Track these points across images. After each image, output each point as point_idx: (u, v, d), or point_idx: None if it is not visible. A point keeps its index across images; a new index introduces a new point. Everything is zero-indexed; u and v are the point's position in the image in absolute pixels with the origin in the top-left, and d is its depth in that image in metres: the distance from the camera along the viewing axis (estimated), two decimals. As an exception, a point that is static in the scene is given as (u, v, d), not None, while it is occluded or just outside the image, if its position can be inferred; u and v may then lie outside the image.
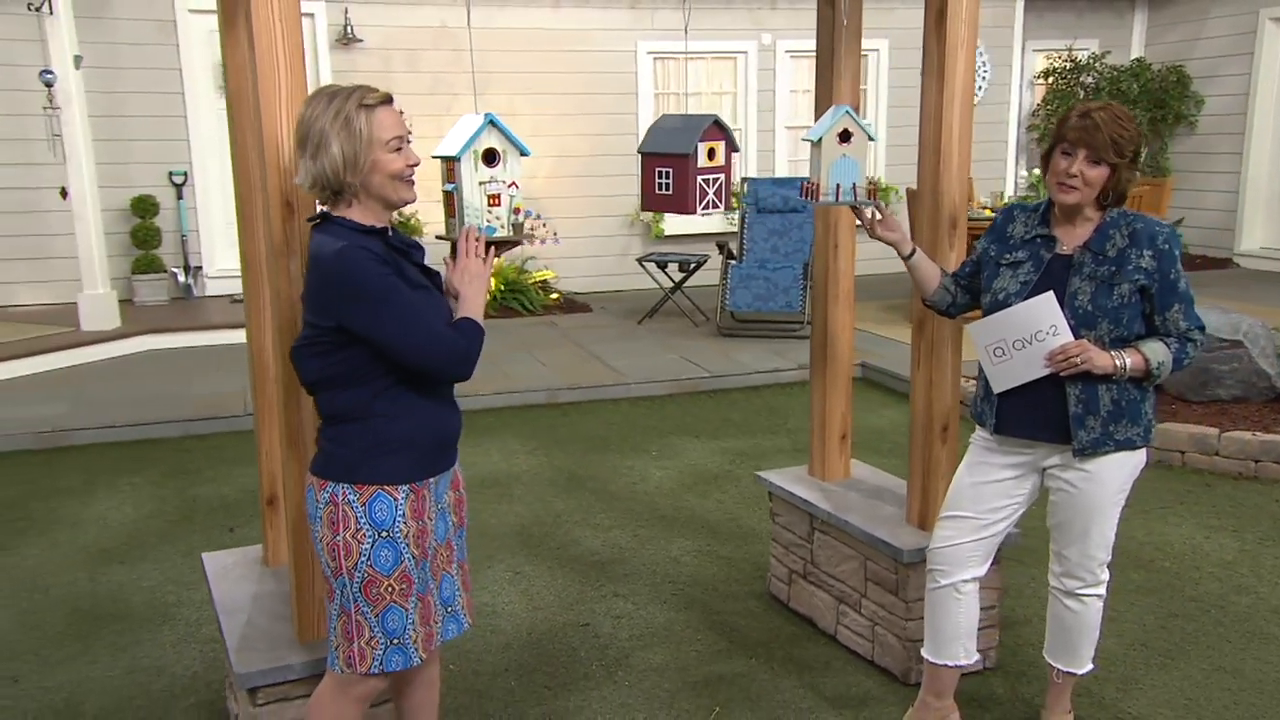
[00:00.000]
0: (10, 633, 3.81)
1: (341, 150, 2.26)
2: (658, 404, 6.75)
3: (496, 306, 9.14)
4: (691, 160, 2.83)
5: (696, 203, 2.86)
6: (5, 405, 6.43)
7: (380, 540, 2.32)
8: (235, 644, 2.72)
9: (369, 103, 2.29)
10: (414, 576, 2.37)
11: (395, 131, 2.32)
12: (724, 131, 2.91)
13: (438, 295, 2.45)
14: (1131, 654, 3.59)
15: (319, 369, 2.35)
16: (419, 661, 2.42)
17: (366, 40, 9.53)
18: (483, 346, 2.40)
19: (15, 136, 8.73)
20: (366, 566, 2.32)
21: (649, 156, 2.91)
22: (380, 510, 2.32)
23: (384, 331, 2.25)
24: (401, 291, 2.28)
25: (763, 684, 3.42)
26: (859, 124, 3.04)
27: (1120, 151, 2.63)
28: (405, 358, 2.28)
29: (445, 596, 2.55)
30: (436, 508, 2.47)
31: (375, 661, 2.37)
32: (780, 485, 3.87)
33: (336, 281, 2.25)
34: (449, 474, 2.52)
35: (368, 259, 2.25)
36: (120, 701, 3.35)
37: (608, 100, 10.27)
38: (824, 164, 3.00)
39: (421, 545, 2.39)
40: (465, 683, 3.44)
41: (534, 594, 4.08)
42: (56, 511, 4.98)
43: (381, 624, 2.35)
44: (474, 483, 5.28)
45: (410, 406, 2.36)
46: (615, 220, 10.37)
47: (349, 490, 2.32)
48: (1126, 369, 2.66)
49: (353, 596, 2.34)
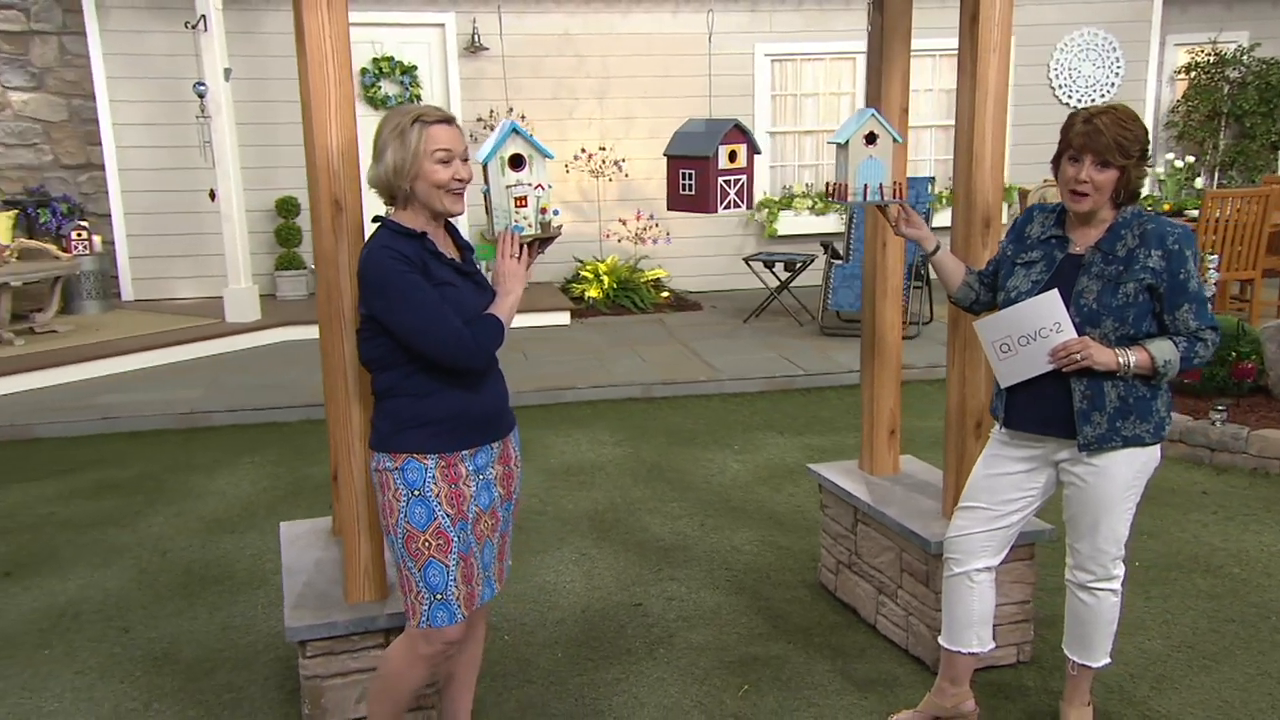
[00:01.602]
0: (129, 589, 4.27)
1: (395, 158, 2.54)
2: (749, 400, 6.88)
3: (609, 304, 9.41)
4: (712, 162, 2.99)
5: (717, 203, 3.02)
6: (153, 389, 7.07)
7: (414, 499, 2.58)
8: (291, 602, 3.03)
9: (426, 120, 2.56)
10: (451, 535, 2.61)
11: (444, 145, 2.56)
12: (745, 135, 3.06)
13: (469, 291, 2.68)
14: (1175, 655, 3.56)
15: (365, 352, 2.67)
16: (462, 618, 2.65)
17: (492, 48, 9.95)
18: (500, 341, 2.63)
19: (174, 144, 9.51)
20: (405, 523, 2.59)
21: (673, 159, 3.09)
22: (411, 473, 2.58)
23: (400, 324, 2.53)
24: (421, 289, 2.52)
25: (796, 666, 3.55)
26: (885, 127, 3.14)
27: (1126, 153, 2.67)
28: (416, 346, 2.54)
29: (484, 561, 2.79)
30: (479, 478, 2.70)
31: (423, 617, 2.62)
32: (828, 478, 3.98)
33: (367, 277, 2.55)
34: (492, 448, 2.74)
35: (392, 258, 2.52)
36: (210, 653, 3.74)
37: (725, 102, 10.41)
38: (851, 165, 3.12)
39: (457, 506, 2.62)
40: (515, 652, 3.69)
41: (595, 575, 4.30)
42: (185, 484, 5.48)
43: (424, 578, 2.60)
44: (559, 470, 5.55)
45: (434, 388, 2.60)
46: (730, 220, 10.51)
47: (386, 458, 2.61)
48: (1130, 366, 2.69)
49: (400, 552, 2.62)
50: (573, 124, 10.20)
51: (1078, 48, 11.10)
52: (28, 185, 9.86)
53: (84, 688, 3.52)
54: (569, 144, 10.06)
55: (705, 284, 10.51)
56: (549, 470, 5.57)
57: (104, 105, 9.62)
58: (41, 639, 3.86)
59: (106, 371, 7.49)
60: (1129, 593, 4.04)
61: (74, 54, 9.79)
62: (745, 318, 8.99)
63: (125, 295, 9.87)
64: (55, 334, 8.22)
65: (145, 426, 6.45)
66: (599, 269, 9.65)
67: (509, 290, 2.71)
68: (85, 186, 9.99)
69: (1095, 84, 11.18)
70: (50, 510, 5.15)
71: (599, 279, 9.51)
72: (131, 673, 3.61)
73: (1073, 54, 11.11)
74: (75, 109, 9.89)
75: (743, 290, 10.08)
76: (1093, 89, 11.16)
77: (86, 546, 4.70)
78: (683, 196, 3.07)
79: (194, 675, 3.58)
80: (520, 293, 2.74)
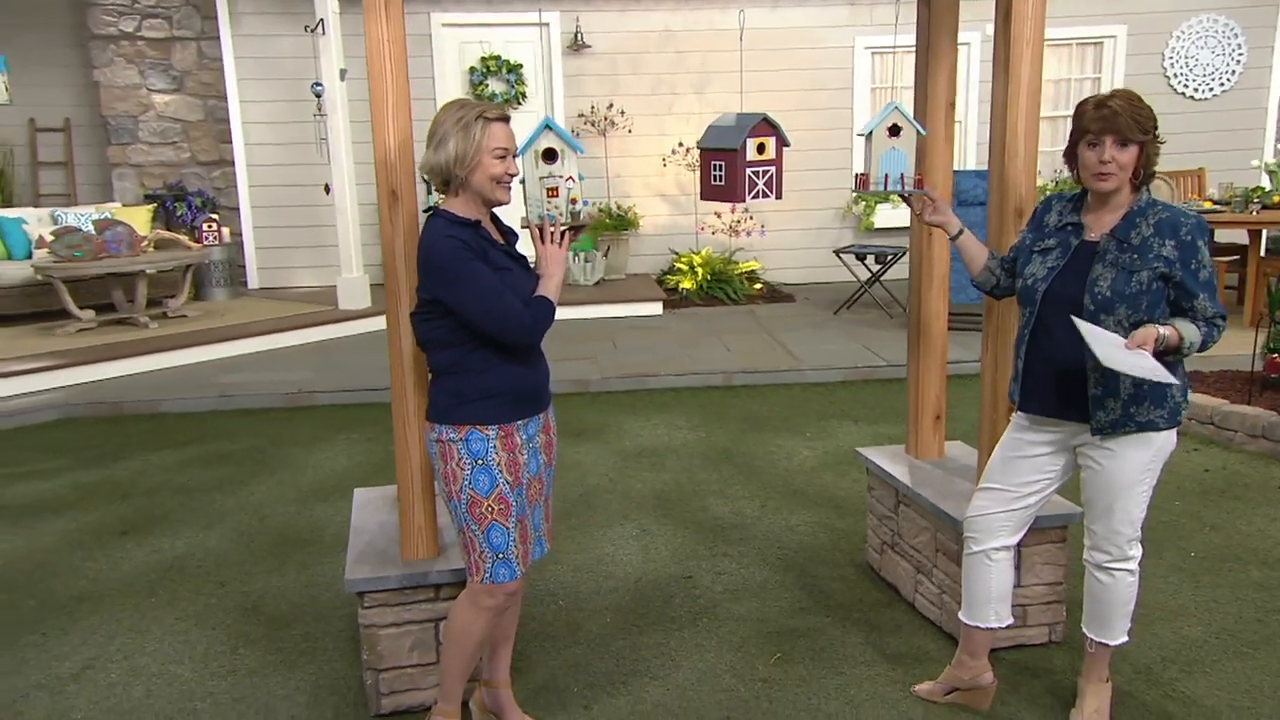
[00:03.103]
0: (229, 549, 4.68)
1: (456, 148, 2.79)
2: (828, 390, 6.99)
3: (702, 295, 9.60)
4: (740, 155, 3.16)
5: (746, 193, 3.19)
6: (266, 370, 7.58)
7: (478, 468, 2.83)
8: (353, 558, 3.33)
9: (489, 116, 2.79)
10: (510, 500, 2.86)
11: (502, 143, 2.79)
12: (774, 128, 3.22)
13: (521, 275, 2.92)
14: (1212, 641, 3.58)
15: (424, 332, 2.91)
16: (520, 574, 2.91)
17: (595, 45, 10.24)
18: (552, 320, 2.86)
19: (295, 141, 10.09)
20: (469, 490, 2.84)
21: (705, 152, 3.27)
22: (475, 443, 2.83)
23: (464, 305, 2.76)
24: (482, 274, 2.77)
25: (831, 638, 3.70)
26: (908, 119, 3.26)
27: (1144, 129, 2.76)
28: (481, 327, 2.78)
29: (535, 522, 3.03)
30: (529, 446, 2.95)
31: (487, 573, 2.88)
32: (874, 461, 4.11)
33: (432, 264, 2.78)
34: (539, 419, 2.98)
35: (456, 246, 2.76)
36: (293, 606, 4.09)
37: (825, 96, 10.48)
38: (874, 156, 3.25)
39: (515, 473, 2.87)
40: (567, 616, 3.93)
41: (652, 549, 4.51)
42: (287, 457, 5.92)
43: (488, 539, 2.86)
44: (632, 452, 5.78)
45: (493, 364, 2.85)
46: (827, 213, 10.57)
47: (450, 430, 2.86)
48: (1164, 339, 2.74)
49: (464, 516, 2.87)
50: (671, 119, 10.41)
51: (1195, 35, 10.77)
52: (168, 181, 10.62)
53: (181, 632, 3.90)
54: (667, 139, 10.29)
55: (801, 276, 10.61)
56: (623, 452, 5.81)
57: (235, 105, 10.28)
58: (149, 589, 4.28)
59: (227, 354, 8.07)
60: (1177, 581, 4.05)
61: (210, 58, 10.49)
62: (836, 309, 9.07)
63: (251, 283, 10.53)
64: (185, 318, 8.86)
65: (256, 404, 6.95)
66: (693, 261, 9.84)
67: (551, 273, 2.93)
68: (218, 181, 10.70)
69: (1214, 73, 10.83)
70: (167, 477, 5.64)
71: (693, 270, 9.71)
72: (223, 621, 3.99)
73: (1190, 42, 10.78)
74: (210, 109, 10.59)
75: (838, 283, 10.14)
76: (1211, 78, 10.81)
77: (195, 510, 5.15)
78: (714, 187, 3.26)
79: (277, 625, 3.94)
80: (561, 275, 2.97)
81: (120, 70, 10.38)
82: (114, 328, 8.43)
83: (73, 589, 4.29)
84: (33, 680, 3.58)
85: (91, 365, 7.44)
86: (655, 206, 10.45)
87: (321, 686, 3.49)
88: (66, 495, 5.39)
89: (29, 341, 7.96)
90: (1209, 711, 3.17)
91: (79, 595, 4.23)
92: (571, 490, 5.24)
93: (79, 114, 10.82)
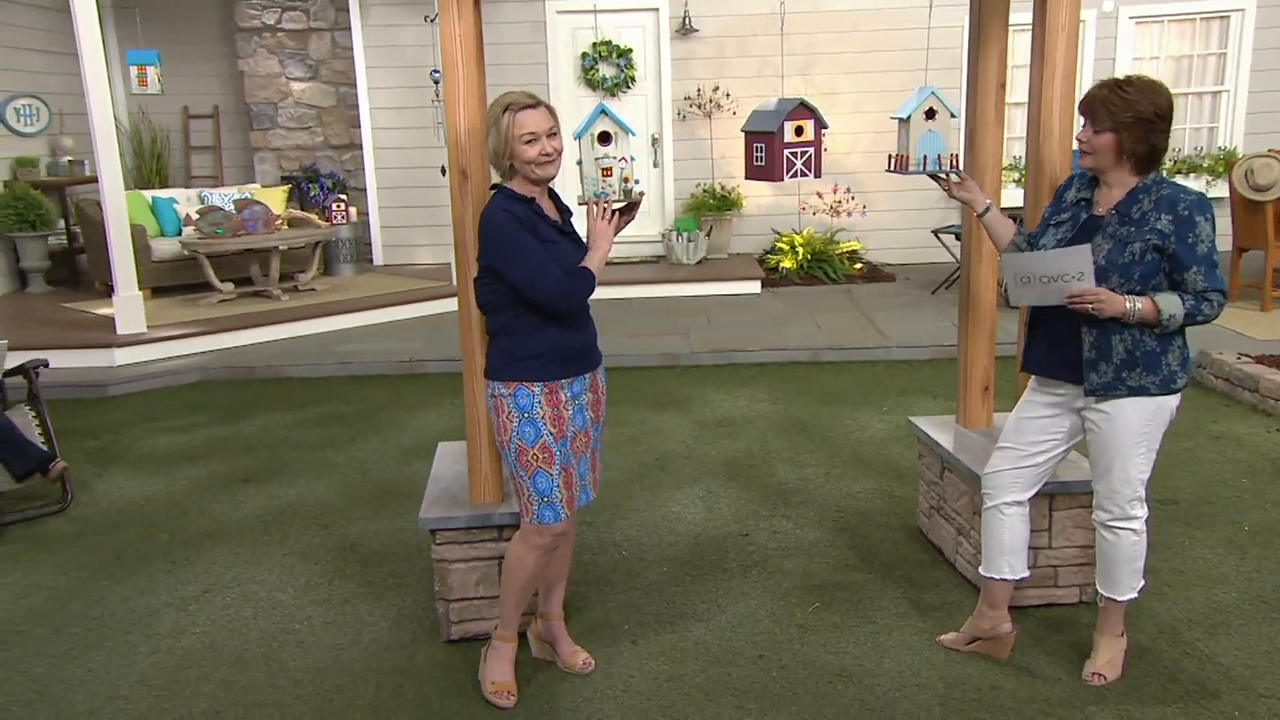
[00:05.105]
0: (334, 496, 5.17)
1: (493, 142, 3.15)
2: (913, 367, 7.12)
3: (801, 275, 9.78)
4: (778, 137, 3.41)
5: (784, 173, 3.44)
6: (383, 340, 8.14)
7: (524, 420, 3.18)
8: (428, 501, 3.73)
9: (514, 107, 3.13)
10: (554, 449, 3.20)
11: (529, 129, 3.10)
12: (812, 111, 3.46)
13: (569, 248, 3.24)
14: (1244, 607, 3.68)
15: (482, 296, 3.28)
16: (565, 517, 3.25)
17: (702, 30, 10.48)
18: (592, 290, 3.18)
19: (417, 125, 10.66)
20: (517, 440, 3.20)
21: (749, 134, 3.53)
22: (522, 398, 3.18)
23: (510, 272, 3.11)
24: (530, 245, 3.10)
25: (870, 592, 3.93)
26: (943, 103, 3.45)
27: (1115, 118, 2.90)
28: (526, 293, 3.12)
29: (580, 472, 3.37)
30: (575, 403, 3.28)
31: (534, 515, 3.24)
32: (923, 429, 4.30)
33: (487, 234, 3.14)
34: (585, 378, 3.31)
35: (508, 219, 3.11)
36: (385, 548, 4.54)
37: (932, 76, 10.46)
38: (912, 138, 3.46)
39: (559, 426, 3.20)
40: (627, 565, 4.26)
41: (715, 509, 4.80)
42: (393, 420, 6.41)
43: (533, 484, 3.21)
44: (710, 422, 6.07)
45: (540, 327, 3.19)
46: (930, 194, 10.55)
47: (501, 386, 3.21)
48: (1135, 312, 2.91)
49: (513, 463, 3.23)
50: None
51: (1329, 8, 10.33)
52: (303, 163, 11.34)
53: (287, 566, 4.39)
54: (773, 120, 10.45)
55: (903, 256, 10.66)
56: (702, 422, 6.10)
57: (364, 92, 10.90)
58: (263, 529, 4.79)
59: (348, 325, 8.67)
60: (1224, 551, 4.13)
61: (342, 47, 11.15)
62: (934, 290, 9.13)
63: (376, 260, 11.17)
64: (313, 291, 9.52)
65: (370, 371, 7.49)
66: (795, 240, 10.02)
67: (598, 247, 3.25)
68: (348, 164, 11.37)
69: (1351, 46, 10.37)
70: (286, 434, 6.20)
71: (794, 250, 9.89)
72: (324, 557, 4.46)
73: (1323, 15, 10.35)
74: (342, 95, 11.26)
75: (941, 263, 10.16)
76: (1347, 51, 10.36)
77: (308, 463, 5.67)
78: (756, 167, 3.51)
79: (369, 563, 4.39)
80: (608, 249, 3.28)
81: (262, 60, 11.12)
82: (250, 299, 9.13)
83: (200, 526, 4.84)
84: (162, 599, 4.11)
85: (229, 333, 8.13)
86: (758, 188, 10.64)
87: (404, 615, 3.91)
88: (201, 447, 6.00)
89: (177, 311, 8.70)
90: (1222, 669, 3.30)
91: (204, 532, 4.77)
92: (648, 455, 5.56)
93: (226, 101, 11.65)
